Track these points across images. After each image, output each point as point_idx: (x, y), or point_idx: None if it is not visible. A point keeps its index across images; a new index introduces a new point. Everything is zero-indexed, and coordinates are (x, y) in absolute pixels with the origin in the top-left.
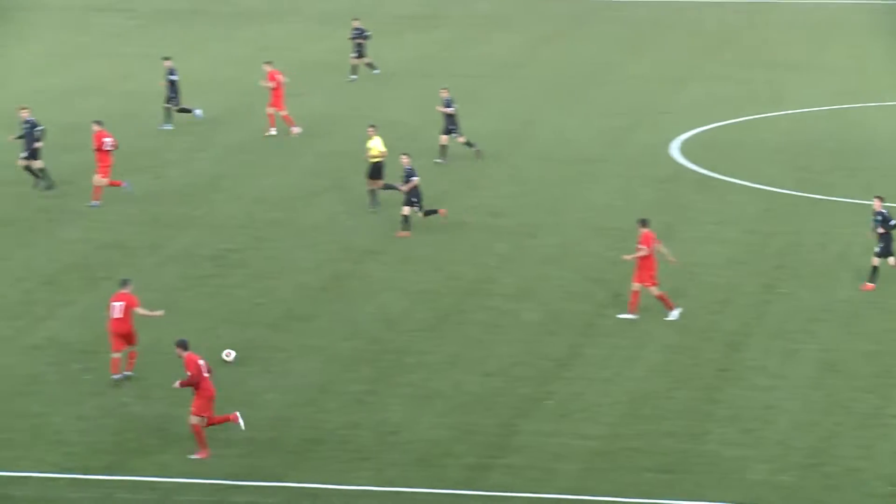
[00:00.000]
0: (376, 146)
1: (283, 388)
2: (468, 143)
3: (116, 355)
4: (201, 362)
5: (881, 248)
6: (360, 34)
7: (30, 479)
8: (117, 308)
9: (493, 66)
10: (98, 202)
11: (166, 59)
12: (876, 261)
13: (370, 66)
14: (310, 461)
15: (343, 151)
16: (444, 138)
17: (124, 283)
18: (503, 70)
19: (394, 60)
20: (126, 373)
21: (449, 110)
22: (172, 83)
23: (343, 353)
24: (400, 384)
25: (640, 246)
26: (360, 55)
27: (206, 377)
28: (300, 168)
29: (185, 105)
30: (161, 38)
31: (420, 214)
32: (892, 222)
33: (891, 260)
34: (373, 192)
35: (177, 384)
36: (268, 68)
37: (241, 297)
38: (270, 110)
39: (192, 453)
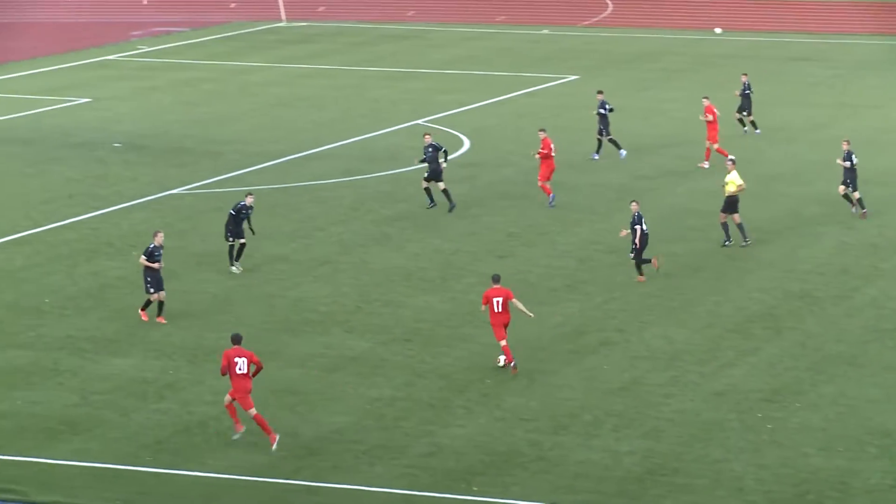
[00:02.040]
0: (734, 179)
1: None
2: (859, 202)
3: (504, 342)
4: (238, 359)
5: None
6: (746, 88)
7: None
8: (499, 302)
9: None
10: (552, 200)
11: (599, 92)
12: None
13: (752, 124)
14: None
15: None
16: (841, 188)
17: (498, 278)
18: None
19: None
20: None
21: (847, 164)
22: (603, 116)
23: None
24: None
25: None
26: (748, 111)
27: (238, 374)
28: None
29: (614, 138)
30: (858, 89)
31: (632, 259)
32: None
33: None
34: (725, 226)
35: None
36: (706, 102)
37: None
38: (708, 143)
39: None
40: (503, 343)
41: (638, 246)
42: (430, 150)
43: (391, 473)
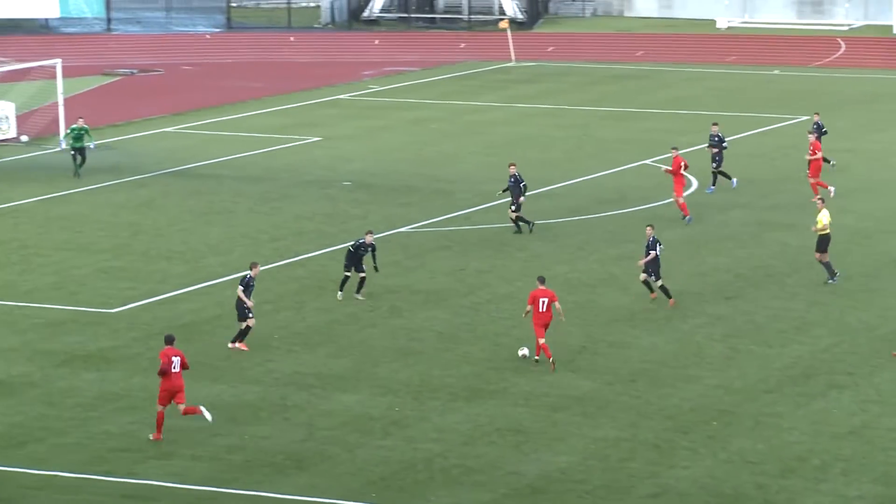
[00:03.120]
0: (822, 219)
1: None
2: None
3: (542, 341)
4: (174, 358)
5: None
6: (817, 128)
7: None
8: (544, 303)
9: None
10: (690, 217)
11: (714, 124)
12: None
13: (825, 160)
14: None
15: None
16: None
17: (543, 279)
18: None
19: None
20: (535, 358)
21: None
22: (718, 149)
23: None
24: None
25: None
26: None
27: (174, 372)
28: None
29: (725, 170)
30: None
31: (647, 280)
32: None
33: None
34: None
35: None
36: (811, 138)
37: None
38: (811, 180)
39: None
40: (542, 342)
41: (650, 269)
42: (512, 180)
43: None
